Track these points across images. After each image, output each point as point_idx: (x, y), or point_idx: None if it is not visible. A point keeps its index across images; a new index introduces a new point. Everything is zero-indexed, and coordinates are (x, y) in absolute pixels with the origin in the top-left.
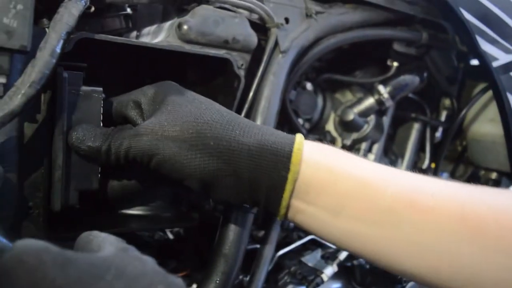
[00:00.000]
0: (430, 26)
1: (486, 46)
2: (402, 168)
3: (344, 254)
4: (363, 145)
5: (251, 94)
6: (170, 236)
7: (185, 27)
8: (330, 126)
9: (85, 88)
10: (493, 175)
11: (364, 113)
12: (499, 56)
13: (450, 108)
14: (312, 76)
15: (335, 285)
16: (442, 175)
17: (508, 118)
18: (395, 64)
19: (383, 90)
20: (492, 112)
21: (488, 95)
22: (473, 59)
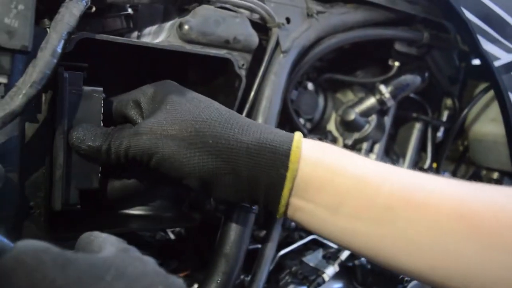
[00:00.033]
0: (431, 25)
1: (487, 46)
2: (403, 168)
3: (345, 254)
4: (365, 145)
5: (252, 94)
6: (172, 236)
7: (186, 27)
8: (331, 126)
9: (86, 88)
10: (495, 175)
11: (366, 113)
12: (500, 55)
13: (451, 108)
14: (313, 76)
15: (337, 285)
16: (444, 175)
17: (509, 118)
18: (396, 64)
19: (385, 90)
20: (494, 111)
21: (489, 95)
22: (475, 59)
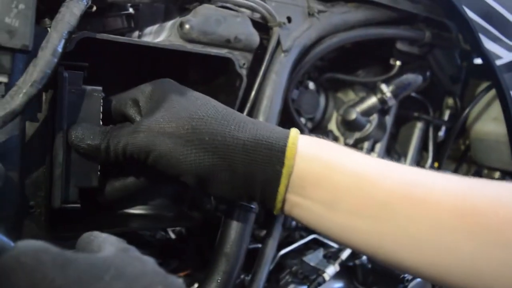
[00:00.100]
0: (433, 24)
1: (489, 45)
2: None
3: (346, 254)
4: (366, 144)
5: (253, 93)
6: (172, 235)
7: (187, 26)
8: (332, 125)
9: (85, 87)
10: (497, 174)
11: (367, 112)
12: (502, 54)
13: (453, 107)
14: (314, 75)
15: (337, 284)
16: None
17: (511, 117)
18: (398, 63)
19: (386, 89)
20: (496, 111)
21: (491, 94)
22: (477, 58)
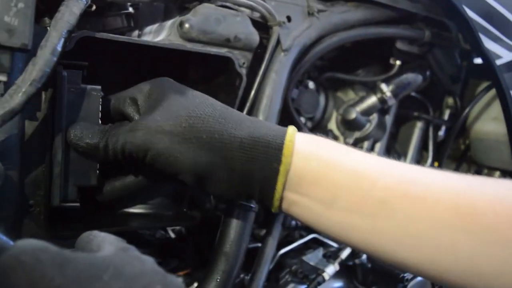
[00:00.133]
0: (433, 24)
1: (489, 44)
2: None
3: (346, 253)
4: (366, 144)
5: (253, 92)
6: (172, 235)
7: (186, 25)
8: (332, 124)
9: (84, 86)
10: (496, 174)
11: (367, 112)
12: (502, 54)
13: (453, 107)
14: (314, 74)
15: (337, 284)
16: None
17: (511, 117)
18: (397, 62)
19: (386, 89)
20: (496, 110)
21: (491, 94)
22: (477, 57)
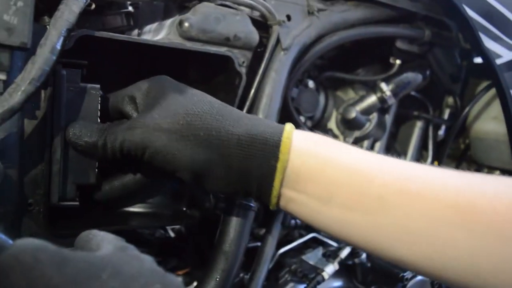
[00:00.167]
0: (433, 23)
1: (489, 44)
2: None
3: (345, 252)
4: (365, 143)
5: (253, 91)
6: (171, 234)
7: (186, 24)
8: (332, 124)
9: (83, 85)
10: (496, 173)
11: (366, 111)
12: (502, 53)
13: (453, 106)
14: (314, 73)
15: (336, 283)
16: None
17: (511, 116)
18: (397, 61)
19: (386, 88)
20: (496, 110)
21: (491, 93)
22: (477, 57)
